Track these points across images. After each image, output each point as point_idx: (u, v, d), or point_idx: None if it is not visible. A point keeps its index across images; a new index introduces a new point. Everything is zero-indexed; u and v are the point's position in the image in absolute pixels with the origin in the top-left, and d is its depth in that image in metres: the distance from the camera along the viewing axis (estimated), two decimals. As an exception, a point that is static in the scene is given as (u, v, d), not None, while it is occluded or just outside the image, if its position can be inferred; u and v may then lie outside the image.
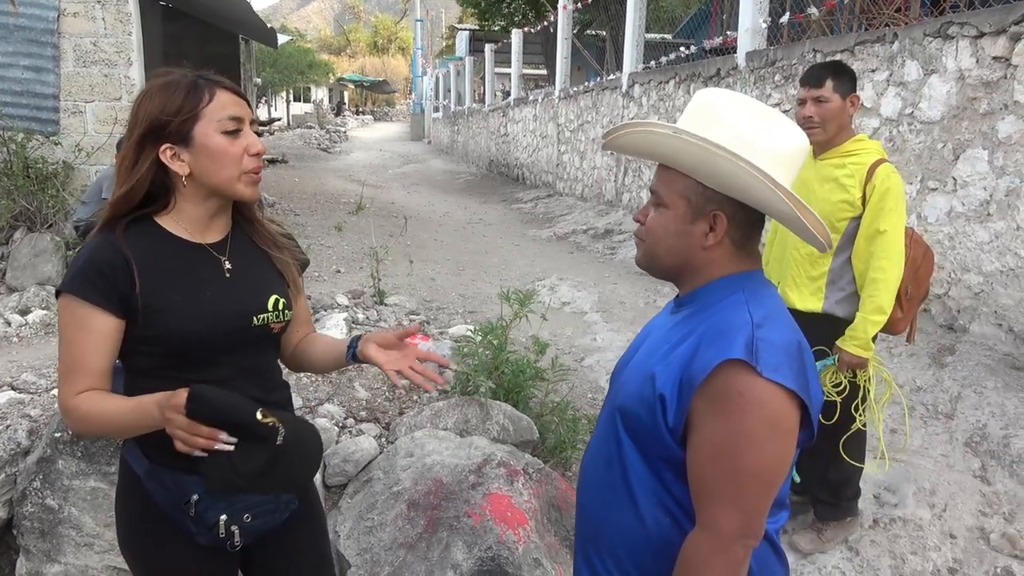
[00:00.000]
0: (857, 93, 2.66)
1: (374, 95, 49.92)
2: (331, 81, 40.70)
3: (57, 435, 2.59)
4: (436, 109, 28.23)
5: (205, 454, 1.33)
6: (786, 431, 1.18)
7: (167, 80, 1.50)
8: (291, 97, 35.95)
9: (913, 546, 2.96)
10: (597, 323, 5.38)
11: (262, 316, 1.58)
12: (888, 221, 2.49)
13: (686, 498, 1.27)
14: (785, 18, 6.79)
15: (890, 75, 5.23)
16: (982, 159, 4.53)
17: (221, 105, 1.48)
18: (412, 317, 4.47)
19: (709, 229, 1.30)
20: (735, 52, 7.43)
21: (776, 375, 1.16)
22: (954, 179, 4.71)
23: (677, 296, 1.44)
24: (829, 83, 2.59)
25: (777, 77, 6.59)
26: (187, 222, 1.55)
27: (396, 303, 4.75)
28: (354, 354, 1.68)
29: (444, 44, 41.61)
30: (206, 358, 1.51)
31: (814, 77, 2.62)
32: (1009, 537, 2.94)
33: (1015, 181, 4.32)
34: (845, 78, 2.62)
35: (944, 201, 4.79)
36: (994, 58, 4.44)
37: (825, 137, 2.64)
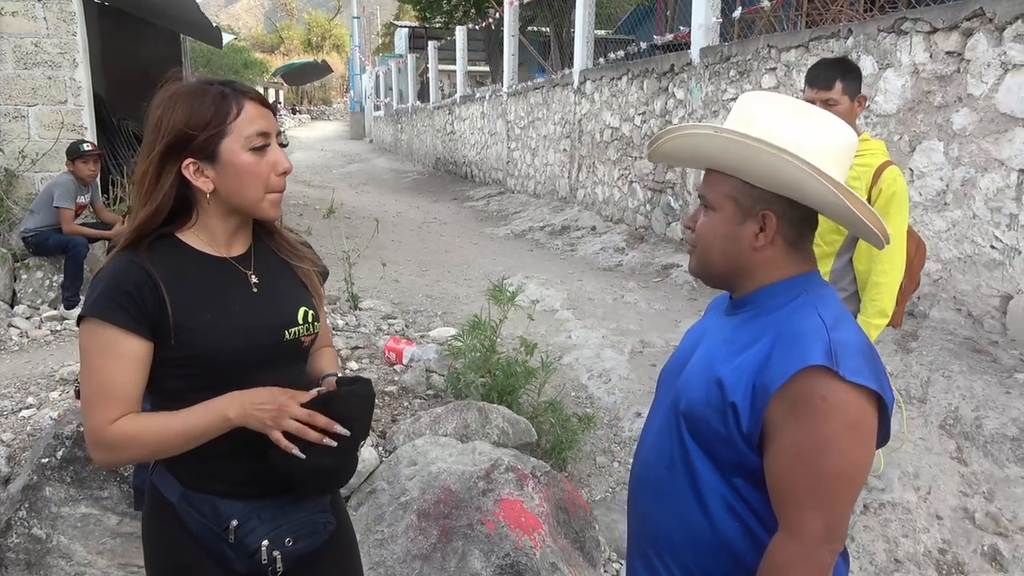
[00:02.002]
0: (863, 93, 2.66)
1: (310, 93, 48.95)
2: (266, 80, 39.76)
3: (44, 460, 2.45)
4: (377, 107, 27.89)
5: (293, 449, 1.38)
6: (868, 433, 1.19)
7: (191, 88, 1.40)
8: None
9: (904, 529, 3.05)
10: (569, 320, 5.39)
11: (294, 330, 1.52)
12: (892, 225, 2.51)
13: (759, 503, 1.26)
14: (737, 12, 6.91)
15: (845, 70, 5.38)
16: (938, 150, 4.70)
17: (249, 119, 1.40)
18: (390, 321, 4.39)
19: (759, 229, 1.30)
20: (687, 48, 7.54)
21: (858, 378, 1.16)
22: (911, 170, 4.88)
23: (731, 298, 1.43)
24: (839, 85, 2.53)
25: (732, 72, 6.71)
26: (210, 236, 1.47)
27: (371, 307, 4.66)
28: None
29: (381, 41, 41.07)
30: (239, 376, 1.44)
31: (823, 78, 2.55)
32: (992, 516, 3.06)
33: (970, 171, 4.49)
34: (852, 78, 2.59)
35: (902, 192, 4.95)
36: (947, 53, 4.61)
37: None
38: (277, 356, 1.50)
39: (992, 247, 4.38)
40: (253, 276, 1.51)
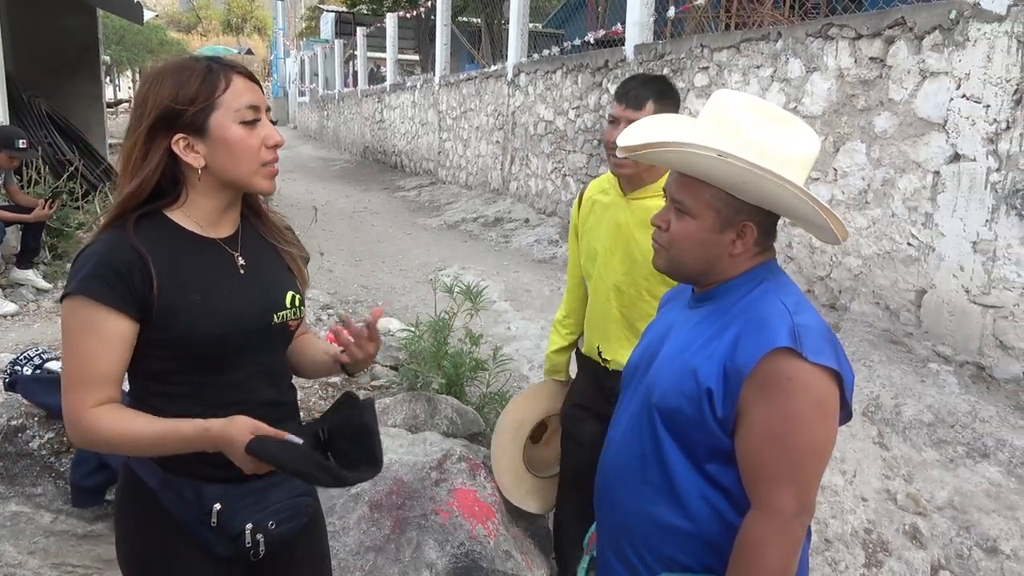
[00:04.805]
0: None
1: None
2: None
3: (-30, 457, 2.32)
4: (302, 93, 27.23)
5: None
6: (831, 410, 1.26)
7: (178, 64, 1.41)
8: (138, 78, 33.43)
9: (832, 510, 3.21)
10: (508, 312, 5.42)
11: (282, 313, 1.51)
12: None
13: (732, 486, 1.31)
14: (671, 12, 7.06)
15: (774, 72, 5.57)
16: (860, 152, 4.93)
17: (238, 93, 1.39)
18: (329, 311, 4.32)
19: (736, 236, 1.34)
20: (621, 44, 7.66)
21: (821, 358, 1.23)
22: (835, 170, 5.10)
23: (693, 291, 1.48)
24: (650, 106, 2.14)
25: (666, 70, 6.85)
26: (199, 216, 1.46)
27: (309, 297, 4.56)
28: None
29: (305, 25, 40.05)
30: (225, 360, 1.43)
31: (634, 97, 2.17)
32: (913, 497, 3.25)
33: (890, 172, 4.73)
34: (669, 102, 2.19)
35: (826, 190, 5.17)
36: (871, 59, 4.83)
37: (636, 171, 2.13)
38: (264, 340, 1.49)
39: (909, 244, 4.63)
40: (240, 258, 1.50)
